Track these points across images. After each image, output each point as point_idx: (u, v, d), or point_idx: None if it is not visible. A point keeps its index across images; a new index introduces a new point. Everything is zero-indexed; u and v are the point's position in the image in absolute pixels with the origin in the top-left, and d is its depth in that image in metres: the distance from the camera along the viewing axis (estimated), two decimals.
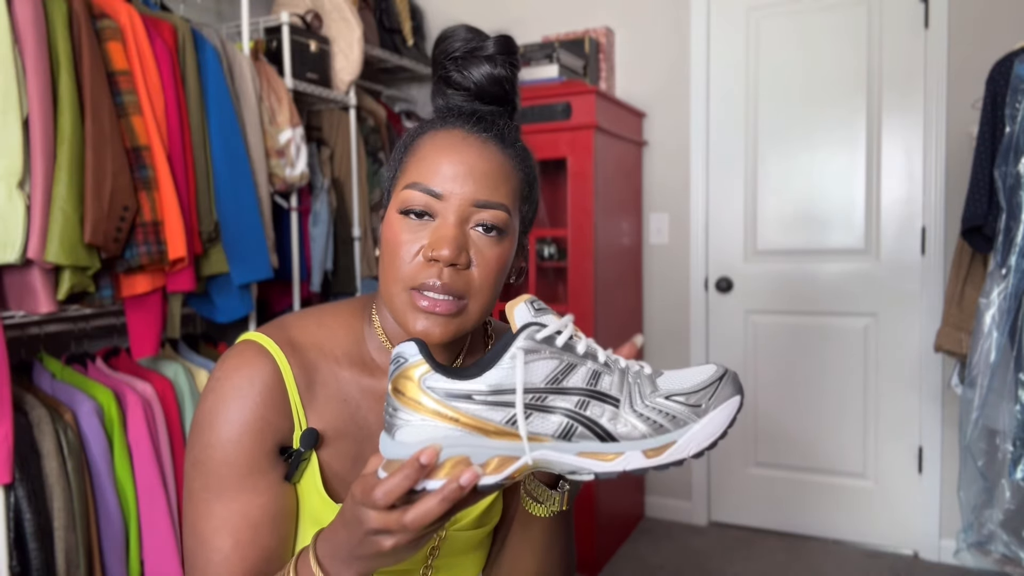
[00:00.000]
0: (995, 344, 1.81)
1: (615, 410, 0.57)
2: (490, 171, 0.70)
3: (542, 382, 0.56)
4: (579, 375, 0.57)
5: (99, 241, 1.53)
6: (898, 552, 2.58)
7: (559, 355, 0.57)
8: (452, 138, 0.71)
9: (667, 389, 0.59)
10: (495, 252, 0.70)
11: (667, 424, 0.58)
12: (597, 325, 2.44)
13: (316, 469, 0.72)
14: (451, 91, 0.76)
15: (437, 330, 0.69)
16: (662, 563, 2.53)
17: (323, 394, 0.74)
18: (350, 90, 2.50)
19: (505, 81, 0.75)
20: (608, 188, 2.54)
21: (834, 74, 2.60)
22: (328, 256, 2.40)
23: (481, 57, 0.73)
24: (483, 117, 0.74)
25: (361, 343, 0.78)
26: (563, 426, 0.57)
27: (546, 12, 3.02)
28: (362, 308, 0.81)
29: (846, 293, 2.62)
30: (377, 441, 0.75)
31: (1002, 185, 1.80)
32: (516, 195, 0.73)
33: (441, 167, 0.69)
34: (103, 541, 1.63)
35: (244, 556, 0.68)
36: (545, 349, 0.57)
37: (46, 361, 1.76)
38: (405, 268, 0.69)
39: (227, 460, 0.69)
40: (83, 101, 1.54)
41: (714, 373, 0.61)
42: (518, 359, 0.55)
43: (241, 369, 0.71)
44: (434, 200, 0.69)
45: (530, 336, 0.56)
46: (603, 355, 0.59)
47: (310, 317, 0.79)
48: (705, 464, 2.86)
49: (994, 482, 1.86)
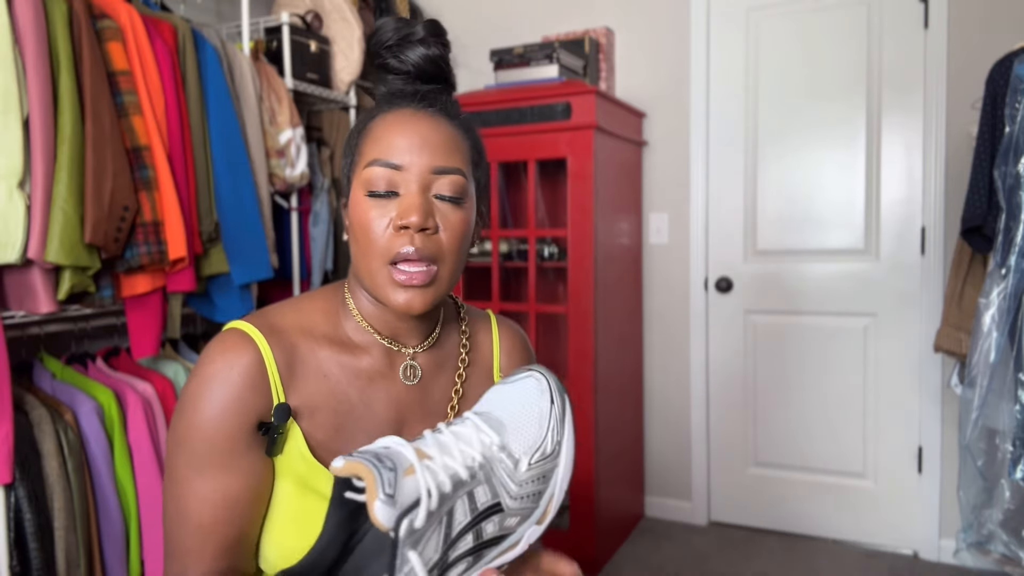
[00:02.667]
0: (995, 344, 1.81)
1: (502, 513, 0.58)
2: (442, 140, 0.76)
3: (436, 552, 0.54)
4: (459, 512, 0.56)
5: (99, 241, 1.53)
6: (898, 552, 2.58)
7: (437, 514, 0.54)
8: (402, 116, 0.77)
9: (520, 452, 0.59)
10: (459, 216, 0.76)
11: (539, 486, 0.59)
12: (597, 325, 2.44)
13: (300, 438, 0.76)
14: (391, 77, 0.81)
15: (417, 300, 0.74)
16: (662, 563, 2.53)
17: (303, 371, 0.78)
18: (350, 90, 2.50)
19: (440, 60, 0.80)
20: (608, 188, 2.54)
21: (834, 74, 2.60)
22: (328, 256, 2.40)
23: (414, 41, 0.79)
24: (426, 95, 0.79)
25: (338, 325, 0.82)
26: (470, 561, 0.57)
27: (546, 12, 3.02)
28: (334, 293, 0.85)
29: (846, 293, 2.62)
30: (356, 414, 0.79)
31: (1002, 185, 1.81)
32: (468, 161, 0.79)
33: (396, 141, 0.75)
34: (103, 541, 1.63)
35: (222, 532, 0.73)
36: (428, 523, 0.54)
37: (46, 361, 1.76)
38: (379, 243, 0.74)
39: (209, 438, 0.72)
40: (83, 101, 1.54)
41: (539, 397, 0.60)
42: (414, 563, 0.52)
43: (224, 354, 0.74)
44: (395, 173, 0.74)
45: (409, 530, 0.53)
46: (462, 467, 0.57)
47: (287, 305, 0.83)
48: (705, 464, 2.86)
49: (994, 482, 1.86)
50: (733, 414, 2.82)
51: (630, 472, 2.81)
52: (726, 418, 2.83)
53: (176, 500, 0.74)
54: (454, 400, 0.86)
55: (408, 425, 0.83)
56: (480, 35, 3.11)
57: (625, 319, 2.74)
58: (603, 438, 2.51)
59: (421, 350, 0.84)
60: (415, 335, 0.83)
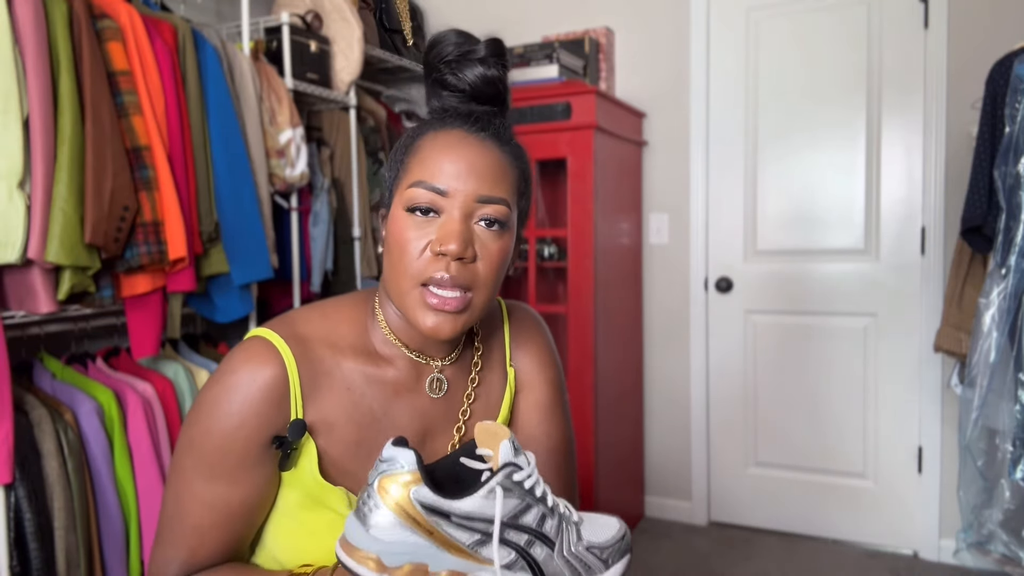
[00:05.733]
0: (995, 344, 1.81)
1: (550, 552, 0.66)
2: (490, 168, 0.74)
3: (505, 517, 0.63)
4: (531, 515, 0.65)
5: (99, 241, 1.53)
6: (898, 552, 2.58)
7: (522, 495, 0.64)
8: (452, 138, 0.75)
9: (587, 540, 0.68)
10: (498, 245, 0.74)
11: (582, 571, 0.67)
12: (597, 325, 2.44)
13: (313, 456, 0.75)
14: (446, 93, 0.79)
15: (447, 327, 0.72)
16: (662, 563, 2.53)
17: (326, 384, 0.77)
18: (350, 90, 2.50)
19: (498, 81, 0.78)
20: (608, 188, 2.54)
21: (834, 74, 2.60)
22: (328, 256, 2.40)
23: (474, 60, 0.77)
24: (479, 117, 0.77)
25: (364, 335, 0.81)
26: (510, 558, 0.64)
27: (546, 12, 3.02)
28: (364, 302, 0.83)
29: (846, 293, 2.62)
30: (379, 427, 0.79)
31: (1002, 185, 1.81)
32: (514, 190, 0.77)
33: (444, 165, 0.73)
34: (103, 541, 1.63)
35: (218, 536, 0.74)
36: (515, 489, 0.64)
37: (46, 361, 1.76)
38: (414, 264, 0.72)
39: (222, 449, 0.72)
40: (83, 101, 1.53)
41: (619, 531, 0.70)
42: (498, 495, 0.63)
43: (247, 364, 0.74)
44: (439, 197, 0.72)
45: (508, 475, 0.63)
46: (551, 499, 0.67)
47: (314, 311, 0.81)
48: (705, 464, 2.86)
49: (994, 482, 1.86)
50: (733, 414, 2.82)
51: (630, 472, 2.81)
52: (726, 418, 2.83)
53: (177, 496, 0.74)
54: (465, 405, 0.85)
55: (432, 437, 0.83)
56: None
57: (625, 319, 2.74)
58: (603, 438, 2.51)
59: (449, 363, 0.83)
60: (443, 349, 0.82)
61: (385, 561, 0.61)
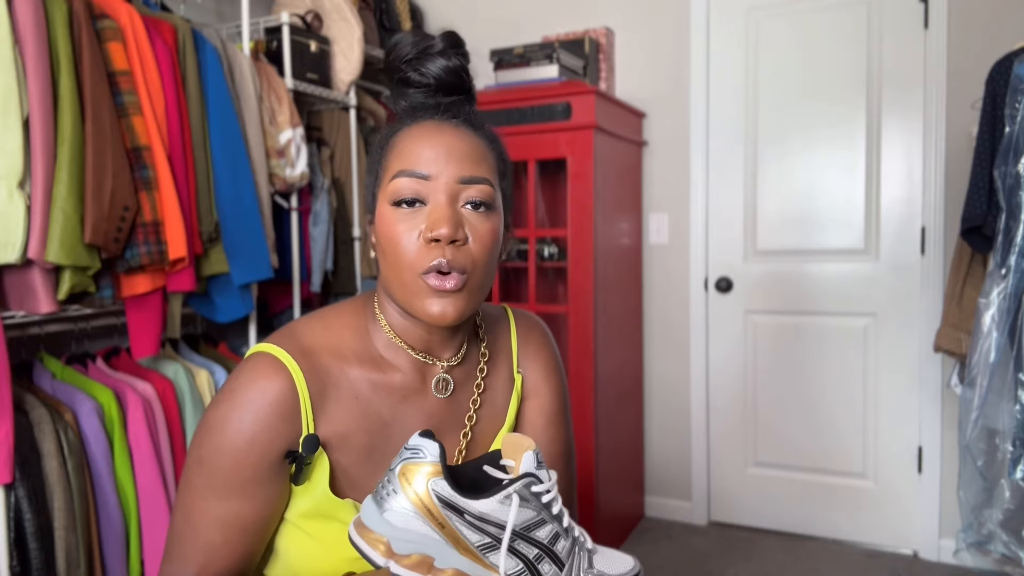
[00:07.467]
0: (995, 344, 1.81)
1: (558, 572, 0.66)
2: (468, 150, 0.75)
3: (518, 526, 0.64)
4: (545, 531, 0.65)
5: (99, 241, 1.53)
6: (898, 552, 2.58)
7: (539, 509, 0.65)
8: (426, 128, 0.76)
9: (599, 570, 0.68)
10: (487, 226, 0.75)
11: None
12: (597, 325, 2.44)
13: (326, 471, 0.75)
14: (412, 90, 0.80)
15: (451, 310, 0.72)
16: (662, 563, 2.53)
17: (335, 395, 0.77)
18: (350, 90, 2.50)
19: (461, 71, 0.80)
20: (608, 188, 2.54)
21: (834, 74, 2.60)
22: (328, 256, 2.40)
23: (434, 53, 0.78)
24: (448, 107, 0.79)
25: (367, 341, 0.81)
26: (517, 570, 0.64)
27: (546, 12, 3.02)
28: (364, 307, 0.83)
29: (846, 293, 2.62)
30: (389, 433, 0.79)
31: (1002, 185, 1.81)
32: (495, 171, 0.78)
33: (423, 152, 0.74)
34: (103, 541, 1.63)
35: (229, 553, 0.73)
36: (532, 500, 0.64)
37: (46, 361, 1.76)
38: (409, 255, 0.72)
39: (233, 466, 0.72)
40: (83, 101, 1.54)
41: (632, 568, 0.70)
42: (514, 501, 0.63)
43: (256, 381, 0.73)
44: (422, 183, 0.73)
45: (527, 485, 0.64)
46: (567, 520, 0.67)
47: (316, 322, 0.81)
48: (705, 464, 2.86)
49: (994, 482, 1.86)
50: (733, 414, 2.82)
51: (630, 472, 2.81)
52: (726, 418, 2.83)
53: (188, 512, 0.73)
54: (471, 411, 0.85)
55: (441, 437, 0.82)
56: (480, 35, 3.11)
57: (625, 319, 2.74)
58: (603, 438, 2.51)
59: (455, 362, 0.83)
60: (447, 348, 0.82)
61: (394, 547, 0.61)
